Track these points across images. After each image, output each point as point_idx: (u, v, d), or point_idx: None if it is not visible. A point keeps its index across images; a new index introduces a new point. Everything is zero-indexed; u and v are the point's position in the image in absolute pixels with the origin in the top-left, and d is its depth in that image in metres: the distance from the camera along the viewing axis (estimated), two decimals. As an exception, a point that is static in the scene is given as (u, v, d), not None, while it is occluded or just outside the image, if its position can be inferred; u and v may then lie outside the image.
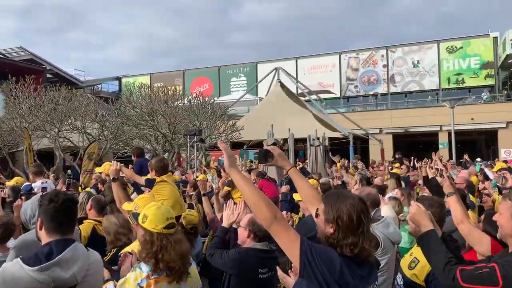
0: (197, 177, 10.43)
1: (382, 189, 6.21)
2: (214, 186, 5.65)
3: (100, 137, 17.83)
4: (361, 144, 28.50)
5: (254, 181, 8.16)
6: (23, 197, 4.58)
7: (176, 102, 19.63)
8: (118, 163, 4.27)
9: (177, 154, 18.06)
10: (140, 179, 4.93)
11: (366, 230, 1.91)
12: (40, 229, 2.23)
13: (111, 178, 4.25)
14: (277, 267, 2.28)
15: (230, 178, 7.25)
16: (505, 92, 31.99)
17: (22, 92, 17.32)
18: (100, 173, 7.26)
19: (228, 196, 7.45)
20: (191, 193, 7.51)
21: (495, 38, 32.47)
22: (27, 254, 2.21)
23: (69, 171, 18.96)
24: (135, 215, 2.79)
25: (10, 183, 6.98)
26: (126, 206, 3.43)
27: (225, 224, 3.48)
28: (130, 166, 9.33)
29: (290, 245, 1.84)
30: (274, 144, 11.62)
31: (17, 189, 5.80)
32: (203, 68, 41.58)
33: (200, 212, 6.57)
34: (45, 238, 2.22)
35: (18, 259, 2.13)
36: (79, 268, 2.18)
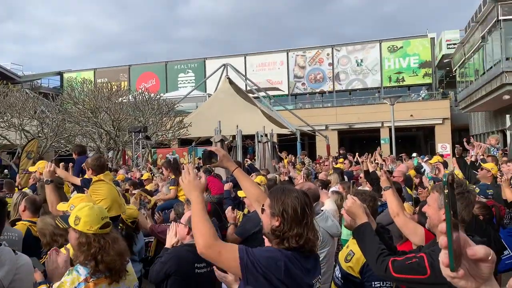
0: (141, 175, 10.21)
1: (326, 184, 6.39)
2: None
3: (40, 135, 16.96)
4: (308, 140, 29.14)
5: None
6: None
7: (121, 98, 19.05)
8: (52, 164, 4.08)
9: (122, 152, 17.55)
10: (76, 179, 4.74)
11: (310, 221, 1.97)
12: None
13: (44, 180, 4.05)
14: (214, 267, 2.28)
15: (173, 177, 7.14)
16: (441, 90, 33.89)
17: None
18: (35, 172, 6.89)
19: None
20: (133, 192, 7.35)
21: (432, 39, 34.33)
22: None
23: (5, 170, 17.90)
24: (64, 218, 2.67)
25: None
26: (61, 207, 3.29)
27: (168, 245, 3.46)
28: (71, 164, 8.94)
29: (229, 258, 1.86)
30: (221, 140, 11.59)
31: None
32: (150, 64, 40.64)
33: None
34: None
35: None
36: (5, 273, 2.08)
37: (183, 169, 2.15)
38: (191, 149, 21.70)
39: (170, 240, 3.46)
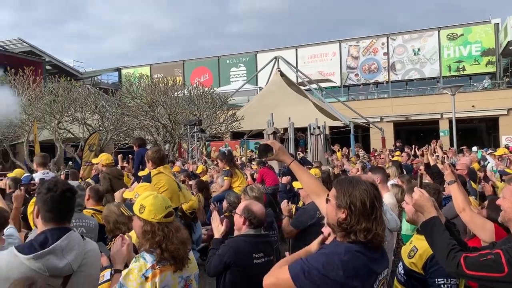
0: (196, 167, 10.42)
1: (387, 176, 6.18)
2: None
3: (101, 128, 17.79)
4: (362, 133, 28.44)
5: (255, 171, 8.15)
6: (22, 188, 4.57)
7: (176, 93, 19.55)
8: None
9: (177, 144, 18.03)
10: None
11: (379, 215, 1.90)
12: (37, 217, 2.20)
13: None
14: (286, 252, 2.27)
15: (227, 168, 7.21)
16: (506, 79, 31.80)
17: (21, 84, 17.23)
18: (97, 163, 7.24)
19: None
20: (190, 183, 7.53)
21: (496, 25, 32.17)
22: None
23: (70, 162, 18.98)
24: (129, 206, 2.75)
25: (11, 174, 6.97)
26: (127, 194, 3.42)
27: (217, 235, 3.48)
28: (131, 156, 9.32)
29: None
30: (274, 133, 11.58)
31: (17, 180, 5.79)
32: (203, 59, 41.35)
33: (201, 200, 6.59)
34: (41, 226, 2.20)
35: (13, 247, 2.10)
36: (74, 257, 2.15)
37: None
38: (243, 142, 21.90)
39: (218, 231, 3.50)
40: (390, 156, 11.47)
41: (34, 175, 5.88)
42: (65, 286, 2.12)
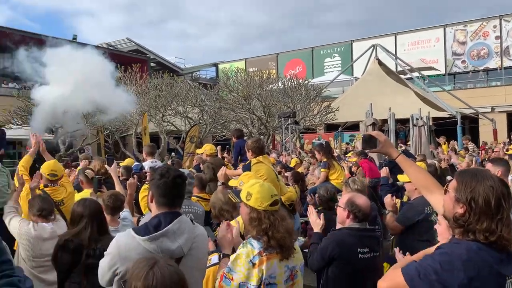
0: (291, 159, 10.39)
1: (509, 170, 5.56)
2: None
3: (200, 121, 18.66)
4: (470, 124, 26.15)
5: (352, 164, 7.85)
6: (135, 176, 4.91)
7: (271, 86, 19.73)
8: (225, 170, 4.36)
9: (272, 136, 18.22)
10: (234, 174, 4.95)
11: (506, 216, 1.65)
12: (151, 201, 2.31)
13: (220, 183, 4.37)
14: (396, 249, 2.10)
15: (325, 160, 7.03)
16: None
17: (129, 80, 18.70)
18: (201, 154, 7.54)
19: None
20: (286, 174, 7.52)
21: None
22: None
23: (172, 153, 20.21)
24: (236, 193, 2.78)
25: (123, 163, 7.59)
26: (232, 183, 3.50)
27: (316, 229, 3.40)
28: (227, 147, 9.60)
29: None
30: (373, 124, 11.09)
31: (129, 168, 6.26)
32: (296, 51, 41.23)
33: (297, 192, 6.54)
34: (154, 210, 2.31)
35: (130, 229, 2.24)
36: (185, 240, 2.22)
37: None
38: (337, 134, 21.44)
39: (317, 225, 3.42)
40: (504, 150, 10.35)
41: (144, 163, 6.29)
42: None
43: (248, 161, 4.62)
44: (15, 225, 3.67)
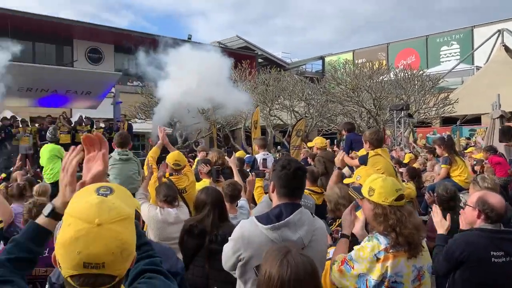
0: (404, 154, 9.83)
1: None
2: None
3: (306, 115, 18.65)
4: None
5: (475, 161, 7.15)
6: (253, 174, 5.07)
7: (381, 77, 18.89)
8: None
9: (382, 130, 17.46)
10: (352, 162, 4.80)
11: None
12: (272, 191, 2.36)
13: (336, 167, 4.32)
14: None
15: (446, 155, 6.52)
16: None
17: (239, 76, 19.39)
18: (311, 147, 7.52)
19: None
20: (400, 170, 7.13)
21: None
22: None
23: (278, 147, 20.53)
24: (357, 189, 2.70)
25: (236, 155, 7.90)
26: (347, 180, 3.42)
27: (442, 231, 3.15)
28: (336, 140, 9.42)
29: None
30: (501, 117, 9.98)
31: (242, 160, 6.49)
32: (409, 40, 38.86)
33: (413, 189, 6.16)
34: (275, 200, 2.35)
35: (253, 217, 2.30)
36: (305, 232, 2.23)
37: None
38: (455, 129, 19.77)
39: (442, 226, 3.17)
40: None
41: (256, 156, 6.47)
42: None
43: (366, 153, 4.45)
44: (145, 210, 4.03)
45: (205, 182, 4.95)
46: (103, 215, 1.10)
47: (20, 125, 14.05)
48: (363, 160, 4.39)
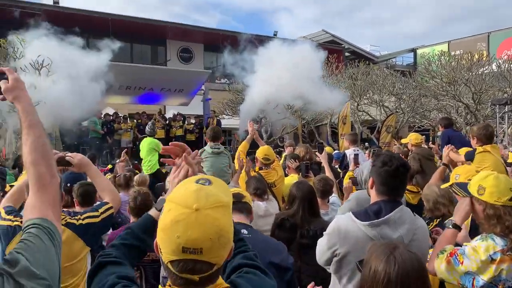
0: (507, 154, 8.95)
1: None
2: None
3: (397, 110, 17.81)
4: None
5: None
6: (350, 181, 4.94)
7: (482, 69, 17.37)
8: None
9: (491, 125, 16.04)
10: (459, 159, 4.44)
11: None
12: (371, 187, 2.30)
13: (441, 163, 4.06)
14: None
15: None
16: None
17: (326, 71, 19.07)
18: (404, 144, 7.15)
19: None
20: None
21: None
22: (357, 210, 2.31)
23: (366, 143, 19.91)
24: (462, 185, 2.49)
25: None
26: (444, 185, 3.18)
27: None
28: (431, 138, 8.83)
29: None
30: None
31: (330, 156, 6.36)
32: (513, 27, 35.32)
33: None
34: (374, 197, 2.29)
35: (350, 213, 2.26)
36: (406, 231, 2.15)
37: None
38: None
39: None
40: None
41: (346, 151, 6.31)
42: None
43: (473, 149, 4.10)
44: None
45: (293, 177, 4.93)
46: (201, 201, 1.14)
47: (122, 121, 15.25)
48: (470, 157, 4.05)
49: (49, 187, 1.42)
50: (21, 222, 2.38)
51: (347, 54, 34.53)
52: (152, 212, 1.59)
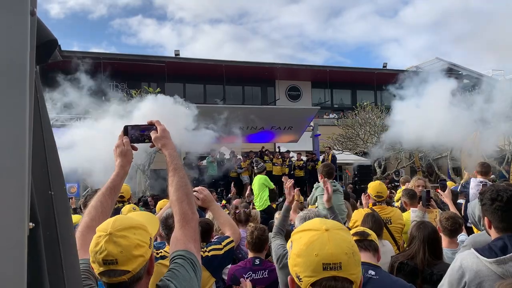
0: None
1: None
2: None
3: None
4: None
5: None
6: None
7: None
8: None
9: None
10: None
11: None
12: (489, 228, 2.18)
13: None
14: None
15: None
16: None
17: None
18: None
19: None
20: None
21: None
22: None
23: (492, 176, 18.00)
24: None
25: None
26: None
27: None
28: None
29: None
30: None
31: (453, 192, 5.88)
32: None
33: None
34: (495, 235, 2.16)
35: (473, 250, 2.14)
36: None
37: None
38: None
39: None
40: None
41: (472, 179, 5.83)
42: None
43: None
44: None
45: (408, 213, 4.73)
46: (328, 223, 1.24)
47: (242, 160, 16.14)
48: None
49: (191, 222, 1.63)
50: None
51: (466, 81, 32.18)
52: None
